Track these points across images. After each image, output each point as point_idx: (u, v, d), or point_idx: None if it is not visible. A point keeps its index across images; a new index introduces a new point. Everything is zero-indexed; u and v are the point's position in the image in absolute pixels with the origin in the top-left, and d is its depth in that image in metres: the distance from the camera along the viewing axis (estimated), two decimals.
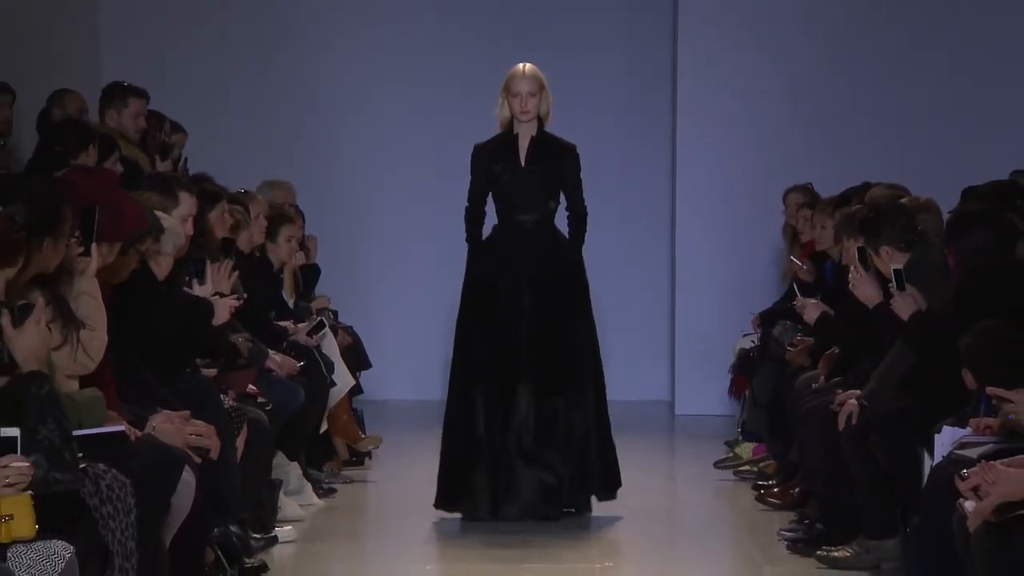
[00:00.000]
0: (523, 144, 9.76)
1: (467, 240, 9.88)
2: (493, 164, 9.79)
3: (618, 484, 9.83)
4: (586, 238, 9.86)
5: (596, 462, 9.75)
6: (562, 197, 9.84)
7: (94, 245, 6.73)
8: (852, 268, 8.65)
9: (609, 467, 9.84)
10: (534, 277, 9.70)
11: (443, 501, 9.64)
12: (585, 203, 9.80)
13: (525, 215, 9.78)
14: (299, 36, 14.73)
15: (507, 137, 9.80)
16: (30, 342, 5.56)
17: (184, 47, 14.58)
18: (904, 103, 14.07)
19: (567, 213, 9.84)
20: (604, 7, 14.87)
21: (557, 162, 9.79)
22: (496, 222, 9.89)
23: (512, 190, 9.78)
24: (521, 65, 9.67)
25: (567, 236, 9.88)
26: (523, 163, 9.76)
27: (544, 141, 9.78)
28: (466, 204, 9.87)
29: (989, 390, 6.86)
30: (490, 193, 9.86)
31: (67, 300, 6.63)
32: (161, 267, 7.94)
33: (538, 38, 14.22)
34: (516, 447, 9.56)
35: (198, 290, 8.47)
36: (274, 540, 8.70)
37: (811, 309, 9.39)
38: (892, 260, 8.52)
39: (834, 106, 14.07)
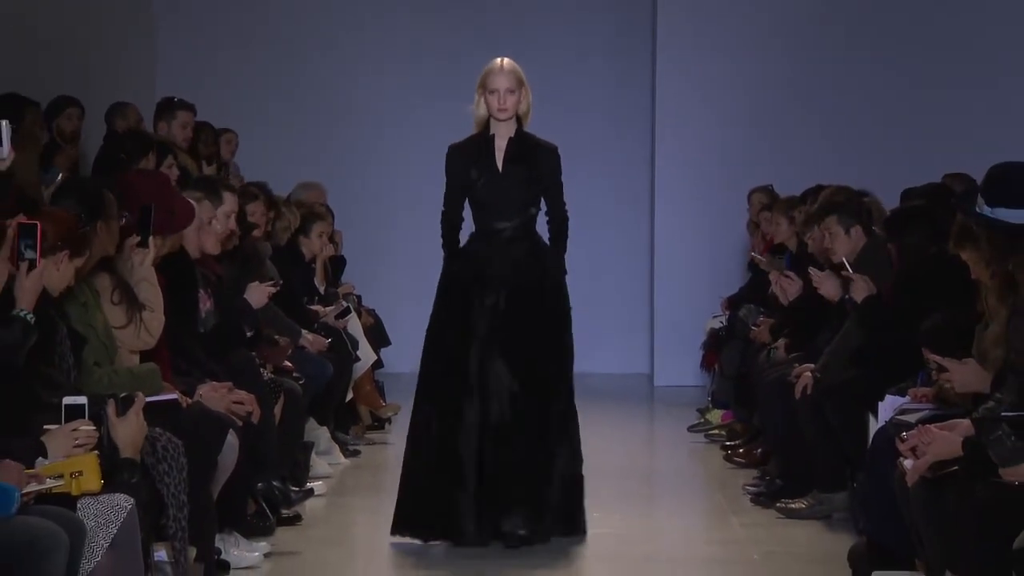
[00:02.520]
0: (500, 146, 7.89)
1: (443, 247, 8.08)
2: (469, 168, 7.92)
3: (581, 526, 7.97)
4: (571, 236, 8.13)
5: (557, 492, 7.92)
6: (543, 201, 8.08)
7: (151, 238, 6.78)
8: (812, 269, 8.67)
9: (571, 503, 7.97)
10: (513, 284, 7.87)
11: (404, 525, 7.88)
12: (566, 207, 8.03)
13: (503, 222, 7.91)
14: (331, 56, 14.73)
15: (483, 138, 7.93)
16: (130, 431, 5.54)
17: (230, 64, 14.58)
18: (854, 113, 14.04)
19: (547, 218, 8.06)
20: (589, 27, 14.85)
21: (537, 164, 7.92)
22: (473, 229, 8.07)
23: (489, 196, 7.91)
24: (499, 60, 7.88)
25: (548, 243, 8.09)
26: (500, 167, 7.89)
27: (523, 142, 7.91)
28: (442, 209, 8.06)
29: (929, 356, 6.87)
30: (466, 198, 8.05)
31: (131, 286, 6.67)
32: (196, 245, 7.89)
33: (539, 43, 14.18)
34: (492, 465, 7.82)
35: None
36: (310, 493, 8.71)
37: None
38: (853, 241, 8.55)
39: (792, 116, 14.04)
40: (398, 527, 7.83)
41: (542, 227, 8.09)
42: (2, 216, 5.55)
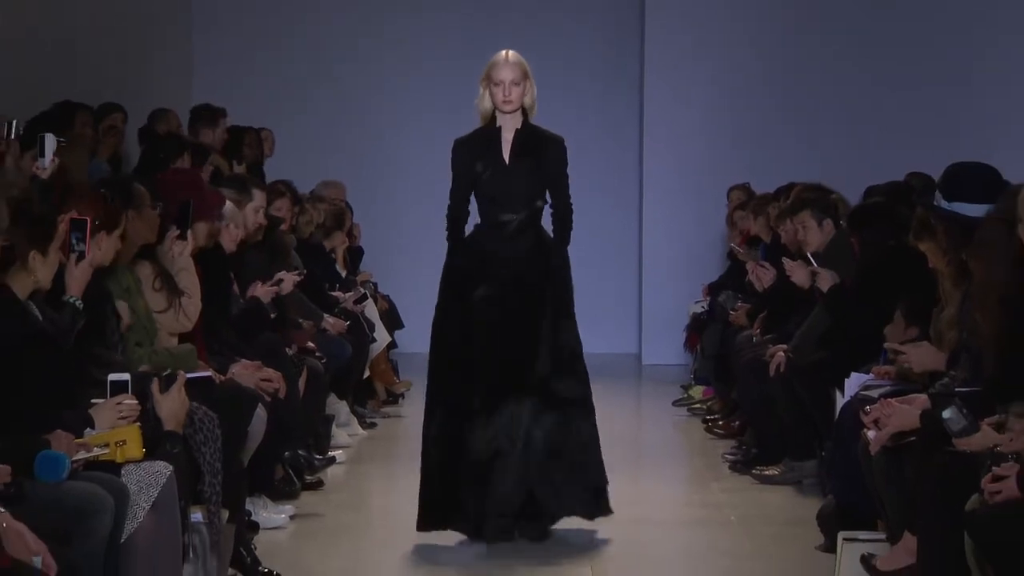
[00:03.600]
0: (506, 138, 7.10)
1: (448, 240, 7.31)
2: (475, 161, 7.12)
3: (606, 505, 7.35)
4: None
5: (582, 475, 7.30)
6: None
7: (189, 231, 6.81)
8: (785, 260, 8.66)
9: (595, 487, 7.35)
10: (516, 277, 7.12)
11: (429, 521, 7.20)
12: (571, 199, 7.23)
13: (509, 215, 7.11)
14: (350, 68, 14.72)
15: (489, 131, 7.12)
16: (172, 406, 5.54)
17: (259, 72, 14.57)
18: (823, 117, 14.01)
19: (551, 211, 7.25)
20: (579, 37, 14.77)
21: (544, 156, 7.12)
22: (478, 221, 7.28)
23: (495, 189, 7.10)
24: (503, 52, 7.10)
25: (552, 235, 7.27)
26: (506, 159, 7.09)
27: (530, 134, 7.11)
28: (448, 204, 7.27)
29: (887, 345, 6.90)
30: (472, 192, 7.26)
31: (171, 275, 6.69)
32: (228, 239, 7.92)
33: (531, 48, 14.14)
34: (508, 456, 7.11)
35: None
36: (332, 460, 8.73)
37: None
38: (824, 234, 8.56)
39: (767, 120, 14.01)
40: (425, 524, 7.20)
41: (548, 221, 7.34)
42: (55, 212, 5.58)
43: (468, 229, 7.47)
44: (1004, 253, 5.46)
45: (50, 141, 6.47)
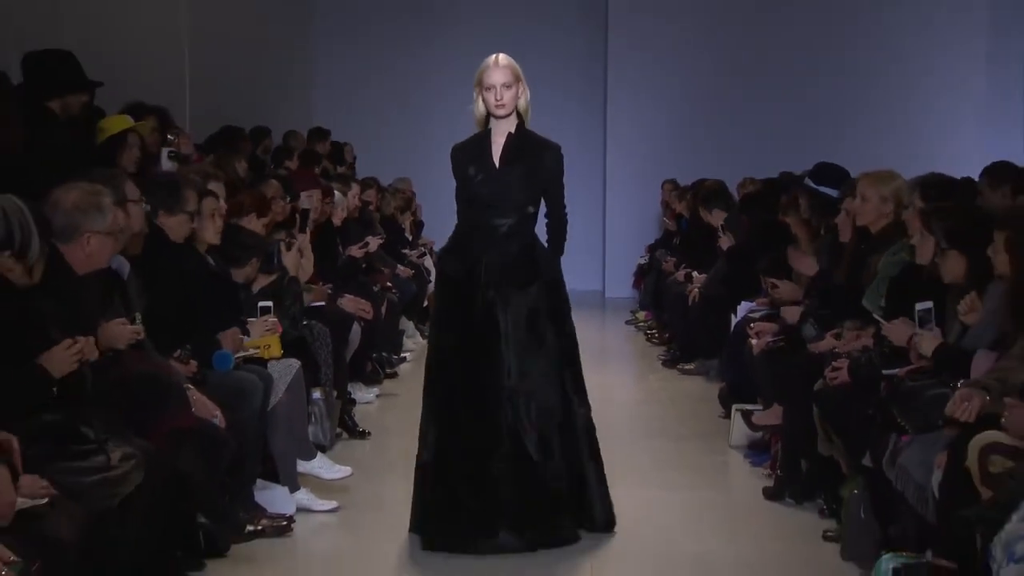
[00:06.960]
0: (498, 143, 4.81)
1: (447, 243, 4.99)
2: (468, 165, 4.81)
3: (611, 518, 4.86)
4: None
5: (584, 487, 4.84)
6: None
7: (308, 226, 6.91)
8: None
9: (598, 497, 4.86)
10: (506, 281, 4.76)
11: (421, 527, 4.73)
12: (566, 208, 4.94)
13: (500, 219, 4.76)
14: (422, 97, 14.54)
15: (482, 136, 4.86)
16: (294, 261, 5.87)
17: (356, 100, 14.46)
18: (724, 131, 13.88)
19: (546, 219, 4.92)
20: (545, 44, 14.14)
21: (537, 162, 4.80)
22: (471, 225, 4.83)
23: (486, 193, 4.76)
24: (494, 56, 4.82)
25: (546, 243, 4.93)
26: (497, 164, 4.78)
27: (523, 139, 4.81)
28: (456, 209, 4.90)
29: (765, 279, 6.89)
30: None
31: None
32: (336, 217, 7.95)
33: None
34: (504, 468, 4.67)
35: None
36: (404, 359, 8.77)
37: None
38: (726, 212, 8.56)
39: (688, 134, 13.83)
40: (421, 529, 4.75)
41: (540, 227, 4.98)
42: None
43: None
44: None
45: (164, 153, 6.52)
